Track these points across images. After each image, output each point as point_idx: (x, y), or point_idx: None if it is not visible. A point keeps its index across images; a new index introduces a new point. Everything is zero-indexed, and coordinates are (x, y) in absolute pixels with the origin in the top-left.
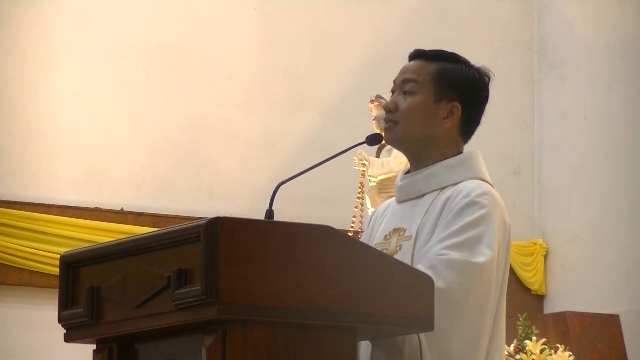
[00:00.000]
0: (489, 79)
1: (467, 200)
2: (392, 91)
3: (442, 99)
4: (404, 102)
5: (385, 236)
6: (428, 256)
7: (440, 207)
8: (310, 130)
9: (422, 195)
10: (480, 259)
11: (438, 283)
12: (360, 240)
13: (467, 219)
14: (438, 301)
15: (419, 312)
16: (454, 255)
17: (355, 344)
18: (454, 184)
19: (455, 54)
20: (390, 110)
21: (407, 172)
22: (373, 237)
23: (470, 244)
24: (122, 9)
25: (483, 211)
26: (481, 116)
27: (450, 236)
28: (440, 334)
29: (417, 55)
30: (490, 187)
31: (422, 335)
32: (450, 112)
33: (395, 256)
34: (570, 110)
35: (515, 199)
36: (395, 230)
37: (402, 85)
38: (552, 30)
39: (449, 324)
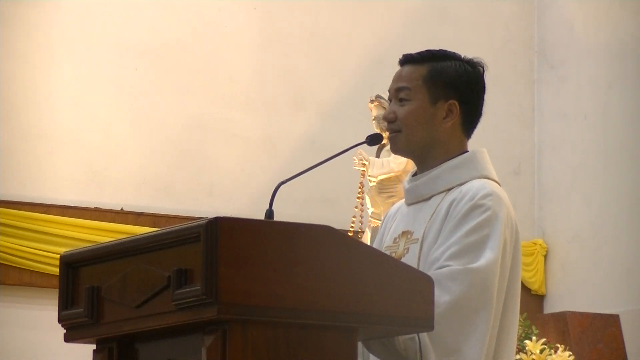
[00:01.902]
0: (483, 68)
1: (471, 204)
2: (389, 100)
3: (438, 100)
4: (402, 111)
5: (395, 239)
6: (432, 270)
7: (445, 210)
8: (310, 130)
9: (430, 198)
10: (480, 262)
11: (444, 297)
12: (373, 243)
13: (471, 223)
14: (446, 314)
15: (419, 312)
16: (455, 265)
17: (355, 344)
18: (460, 185)
19: (444, 51)
20: (390, 120)
21: (415, 174)
22: (384, 240)
23: (473, 250)
24: (123, 9)
25: (487, 214)
26: (481, 107)
27: (453, 244)
28: (452, 345)
29: (406, 60)
30: (495, 185)
31: (423, 336)
32: (449, 110)
33: (403, 259)
34: (570, 110)
35: (515, 199)
36: (403, 233)
37: (396, 93)
38: (552, 30)
39: (459, 334)
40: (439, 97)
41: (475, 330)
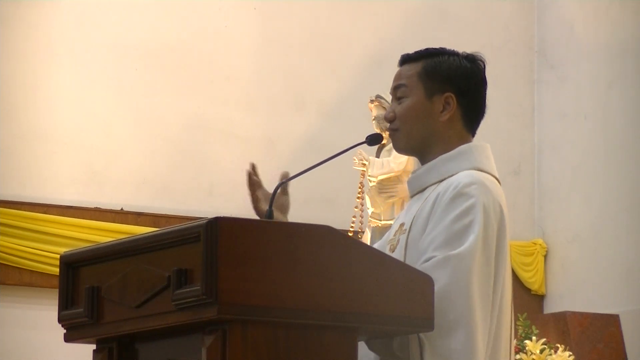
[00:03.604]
0: (483, 62)
1: (454, 192)
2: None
3: (434, 94)
4: (399, 108)
5: (395, 232)
6: (419, 263)
7: (432, 199)
8: (310, 130)
9: (424, 189)
10: (461, 248)
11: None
12: (373, 243)
13: (454, 212)
14: (436, 303)
15: (419, 312)
16: (439, 255)
17: (355, 344)
18: (450, 176)
19: (441, 48)
20: (390, 119)
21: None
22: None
23: (457, 238)
24: (122, 9)
25: (470, 202)
26: (482, 103)
27: (438, 234)
28: (439, 332)
29: (404, 60)
30: (483, 175)
31: (423, 335)
32: (445, 103)
33: (395, 250)
34: (570, 110)
35: (515, 199)
36: (400, 225)
37: (394, 92)
38: (552, 30)
39: (445, 321)
40: (435, 91)
41: (466, 315)
